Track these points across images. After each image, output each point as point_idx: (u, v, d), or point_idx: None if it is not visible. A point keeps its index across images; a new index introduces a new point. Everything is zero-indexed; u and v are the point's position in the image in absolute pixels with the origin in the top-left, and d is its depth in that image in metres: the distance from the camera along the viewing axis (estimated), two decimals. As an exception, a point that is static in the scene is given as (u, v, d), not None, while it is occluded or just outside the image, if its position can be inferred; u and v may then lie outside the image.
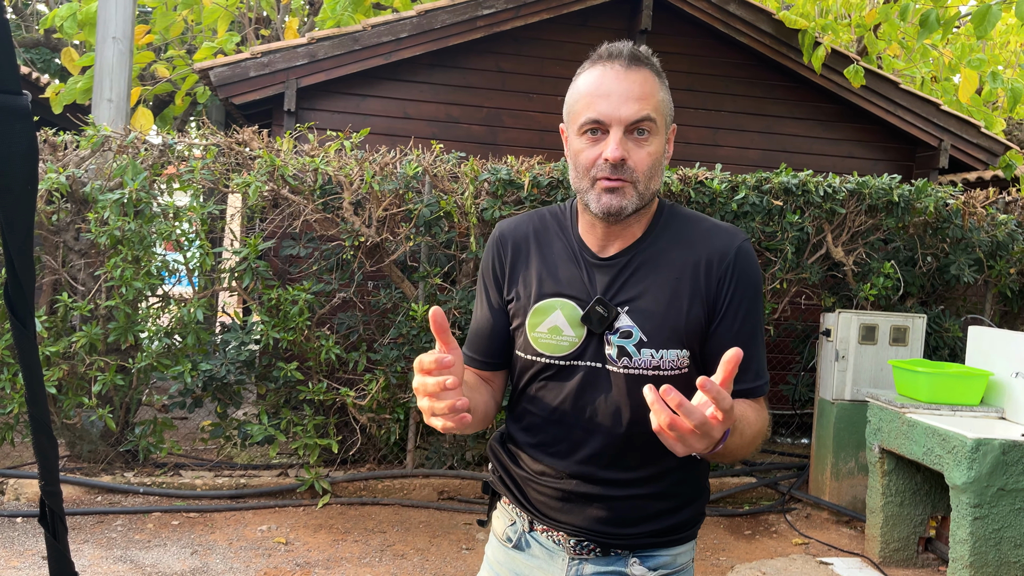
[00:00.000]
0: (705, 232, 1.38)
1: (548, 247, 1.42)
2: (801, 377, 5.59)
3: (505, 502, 1.49)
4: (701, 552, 4.20)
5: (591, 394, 1.36)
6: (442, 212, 4.69)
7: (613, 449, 1.36)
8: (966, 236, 5.23)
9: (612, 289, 1.35)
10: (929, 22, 5.59)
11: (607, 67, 1.30)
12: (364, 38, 6.00)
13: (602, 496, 1.37)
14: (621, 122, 1.27)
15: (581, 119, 1.30)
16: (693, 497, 1.42)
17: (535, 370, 1.40)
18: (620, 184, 1.29)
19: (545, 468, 1.40)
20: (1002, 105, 9.44)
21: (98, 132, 4.59)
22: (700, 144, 6.88)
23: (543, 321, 1.37)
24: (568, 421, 1.37)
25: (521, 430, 1.45)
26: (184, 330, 4.52)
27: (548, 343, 1.37)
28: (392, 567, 3.81)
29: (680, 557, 1.41)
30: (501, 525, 1.49)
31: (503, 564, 1.47)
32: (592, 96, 1.29)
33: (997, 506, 3.51)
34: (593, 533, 1.37)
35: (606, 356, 1.34)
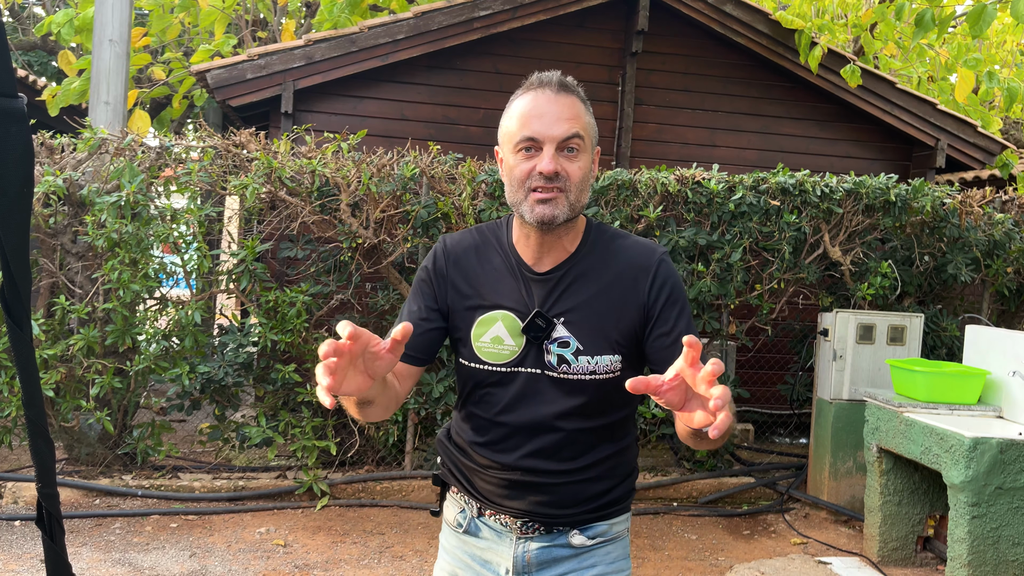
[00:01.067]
0: (629, 248, 1.52)
1: (488, 262, 1.52)
2: (799, 377, 5.59)
3: (454, 491, 1.62)
4: (700, 552, 4.21)
5: (532, 398, 1.48)
6: (440, 213, 4.69)
7: (553, 445, 1.49)
8: (963, 235, 5.24)
9: (549, 302, 1.47)
10: (925, 21, 5.60)
11: (539, 92, 1.44)
12: (361, 40, 6.00)
13: (544, 484, 1.50)
14: (553, 139, 1.40)
15: (517, 138, 1.42)
16: (625, 475, 1.57)
17: (479, 377, 1.51)
18: (553, 195, 1.41)
19: (491, 463, 1.53)
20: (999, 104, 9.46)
21: (95, 135, 4.59)
22: (697, 144, 6.89)
23: (486, 332, 1.49)
24: (511, 423, 1.50)
25: (470, 429, 1.56)
26: (182, 332, 4.52)
27: (491, 352, 1.49)
28: (391, 568, 3.81)
29: (616, 526, 1.57)
30: (452, 513, 1.62)
31: (457, 548, 1.61)
32: (526, 117, 1.42)
33: (995, 505, 3.51)
34: (537, 515, 1.52)
35: (545, 363, 1.46)
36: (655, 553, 4.17)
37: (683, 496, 4.97)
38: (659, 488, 4.93)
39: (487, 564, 1.57)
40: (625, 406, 1.54)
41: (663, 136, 6.85)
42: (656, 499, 4.94)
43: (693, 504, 4.93)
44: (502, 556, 1.55)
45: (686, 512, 4.80)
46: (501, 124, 1.50)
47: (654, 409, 4.75)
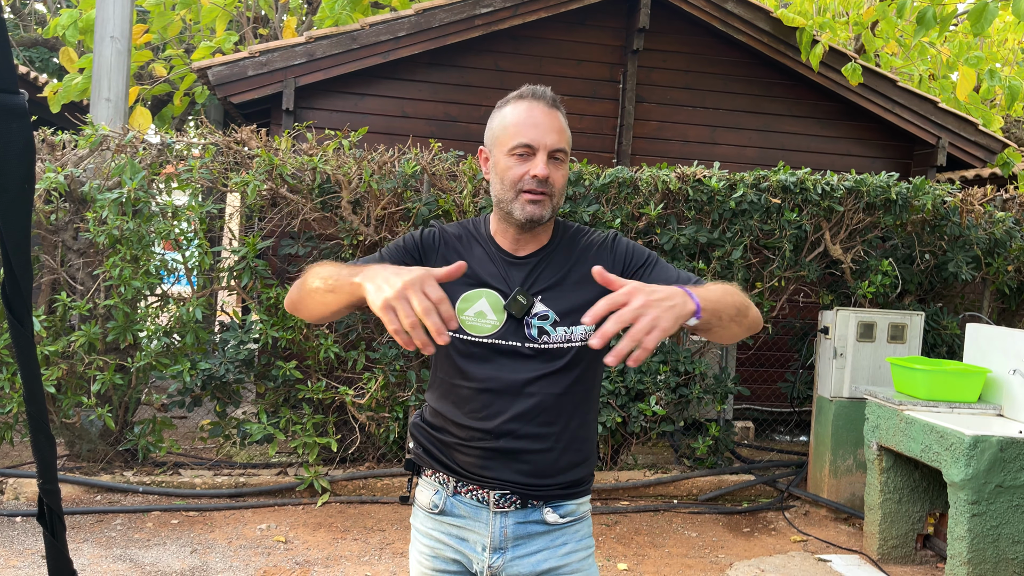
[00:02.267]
0: (590, 235, 1.71)
1: (470, 250, 1.68)
2: (799, 375, 5.60)
3: (428, 474, 1.71)
4: (699, 550, 4.21)
5: (512, 366, 1.61)
6: (441, 211, 4.69)
7: (533, 410, 1.61)
8: (964, 234, 5.23)
9: (528, 281, 1.63)
10: (926, 19, 5.60)
11: (533, 104, 1.60)
12: (362, 37, 6.00)
13: (522, 451, 1.61)
14: (546, 148, 1.57)
15: (513, 142, 1.57)
16: (588, 455, 1.70)
17: (463, 348, 1.63)
18: (542, 197, 1.57)
19: (473, 432, 1.62)
20: (1000, 103, 9.45)
21: (96, 131, 4.59)
22: (698, 142, 6.88)
23: (470, 307, 1.62)
24: (494, 389, 1.61)
25: (450, 404, 1.66)
26: (183, 329, 4.52)
27: (474, 325, 1.61)
28: (391, 565, 3.82)
29: (582, 507, 1.70)
30: (426, 496, 1.70)
31: (432, 530, 1.69)
32: (522, 125, 1.58)
33: (995, 503, 3.52)
34: (516, 485, 1.61)
35: (526, 335, 1.61)
36: (655, 551, 4.17)
37: (683, 493, 4.97)
38: (659, 485, 4.93)
39: (464, 542, 1.65)
40: (594, 377, 1.69)
41: (664, 134, 6.85)
42: (656, 496, 4.94)
43: (693, 501, 4.93)
44: (479, 532, 1.64)
45: (686, 509, 4.80)
46: (492, 127, 1.64)
47: (654, 407, 4.75)
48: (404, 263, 1.60)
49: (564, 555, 1.65)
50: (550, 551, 1.64)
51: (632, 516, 4.67)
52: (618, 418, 4.79)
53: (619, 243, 1.68)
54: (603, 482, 4.87)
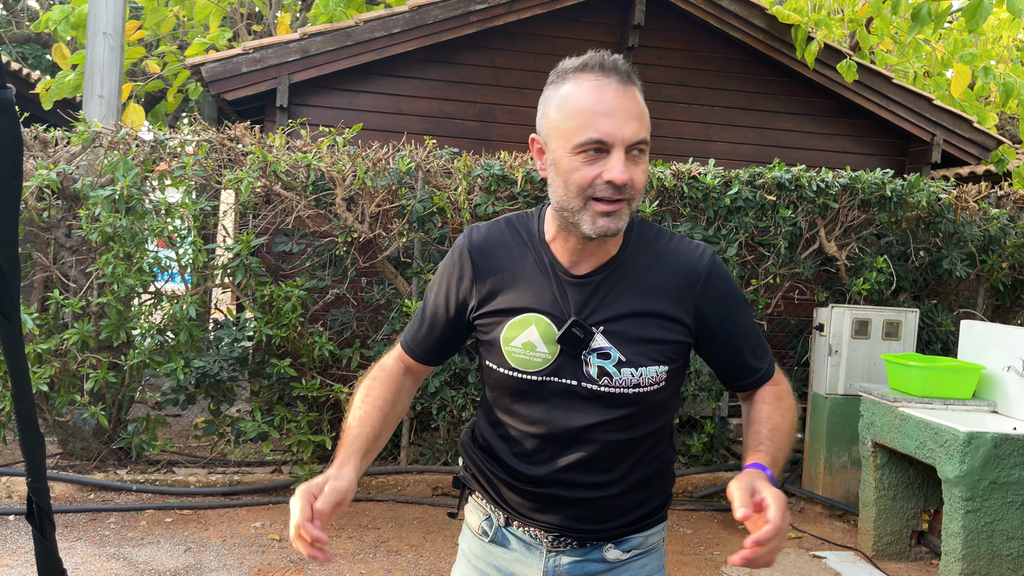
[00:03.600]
0: (677, 250, 1.37)
1: (520, 260, 1.37)
2: (794, 372, 5.60)
3: (478, 496, 1.49)
4: (695, 547, 4.21)
5: (567, 409, 1.34)
6: (435, 208, 4.68)
7: (590, 459, 1.36)
8: (958, 231, 5.24)
9: (588, 308, 1.33)
10: (921, 16, 5.60)
11: (603, 82, 1.25)
12: (356, 33, 5.98)
13: (578, 499, 1.38)
14: (624, 142, 1.23)
15: (580, 138, 1.23)
16: (662, 486, 1.46)
17: (508, 384, 1.38)
18: (619, 206, 1.26)
19: (522, 476, 1.40)
20: (994, 100, 9.46)
21: (89, 128, 4.56)
22: (693, 139, 6.88)
23: (517, 336, 1.35)
24: (546, 435, 1.36)
25: (499, 437, 1.43)
26: (177, 327, 4.50)
27: (521, 358, 1.35)
28: (386, 563, 3.81)
29: (651, 538, 1.45)
30: (475, 519, 1.49)
31: (480, 557, 1.48)
32: (591, 114, 1.23)
33: (989, 499, 3.52)
34: (570, 531, 1.39)
35: (584, 375, 1.33)
36: (650, 547, 4.17)
37: (679, 491, 4.97)
38: (654, 483, 4.93)
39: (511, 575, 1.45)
40: (666, 416, 1.42)
41: (659, 131, 6.84)
42: (651, 494, 4.94)
43: (689, 499, 4.94)
44: (531, 569, 1.42)
45: (681, 507, 4.80)
46: (548, 111, 1.31)
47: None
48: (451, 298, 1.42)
49: None
50: None
51: (627, 513, 4.67)
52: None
53: (713, 275, 1.36)
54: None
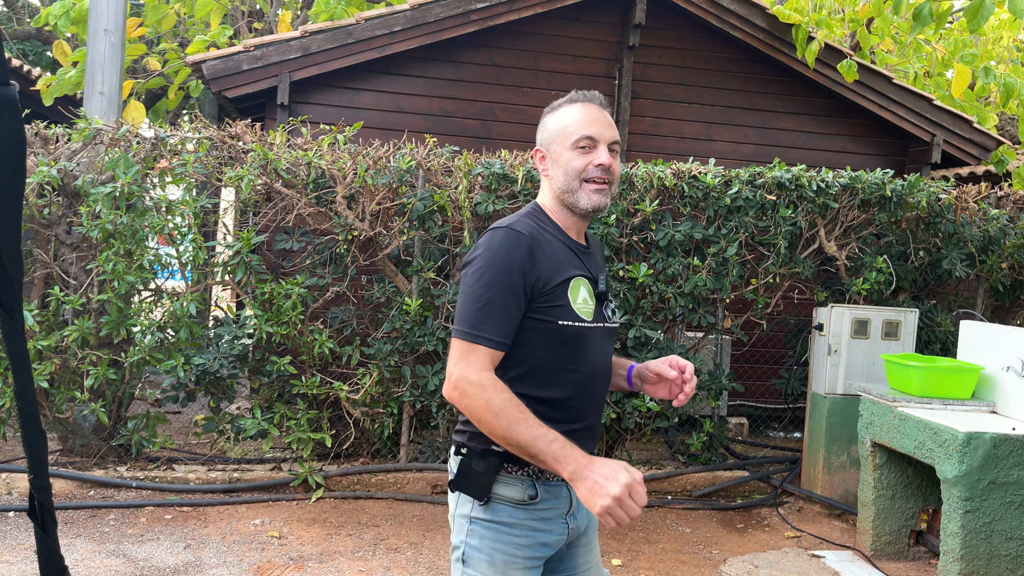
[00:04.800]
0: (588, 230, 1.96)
1: (551, 243, 1.75)
2: (794, 371, 5.60)
3: (512, 471, 1.72)
4: (694, 546, 4.22)
5: (603, 346, 1.80)
6: (436, 206, 4.68)
7: (605, 384, 1.82)
8: (958, 231, 5.24)
9: (595, 269, 1.81)
10: (922, 16, 5.60)
11: (588, 104, 1.77)
12: (358, 31, 5.98)
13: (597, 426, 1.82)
14: (606, 140, 1.75)
15: (576, 135, 1.73)
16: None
17: (581, 334, 1.72)
18: (605, 185, 1.75)
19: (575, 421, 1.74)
20: (995, 100, 9.46)
21: (90, 125, 4.57)
22: (694, 139, 6.88)
23: (579, 295, 1.74)
24: (594, 370, 1.77)
25: (559, 391, 1.73)
26: (177, 324, 4.51)
27: (585, 310, 1.74)
28: (386, 560, 3.82)
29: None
30: (518, 492, 1.72)
31: (523, 520, 1.72)
32: (583, 121, 1.74)
33: (988, 499, 3.53)
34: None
35: (606, 316, 1.80)
36: (649, 546, 4.18)
37: (677, 489, 4.98)
38: (653, 481, 4.94)
39: (550, 520, 1.75)
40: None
41: (659, 130, 6.84)
42: (650, 492, 4.95)
43: (687, 498, 4.94)
44: (560, 507, 1.76)
45: (680, 505, 4.81)
46: (549, 127, 1.79)
47: (649, 403, 4.76)
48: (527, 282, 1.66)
49: None
50: None
51: (626, 512, 4.67)
52: (612, 414, 4.79)
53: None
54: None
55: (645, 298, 4.88)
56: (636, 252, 4.93)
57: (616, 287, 4.79)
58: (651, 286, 4.82)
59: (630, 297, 4.81)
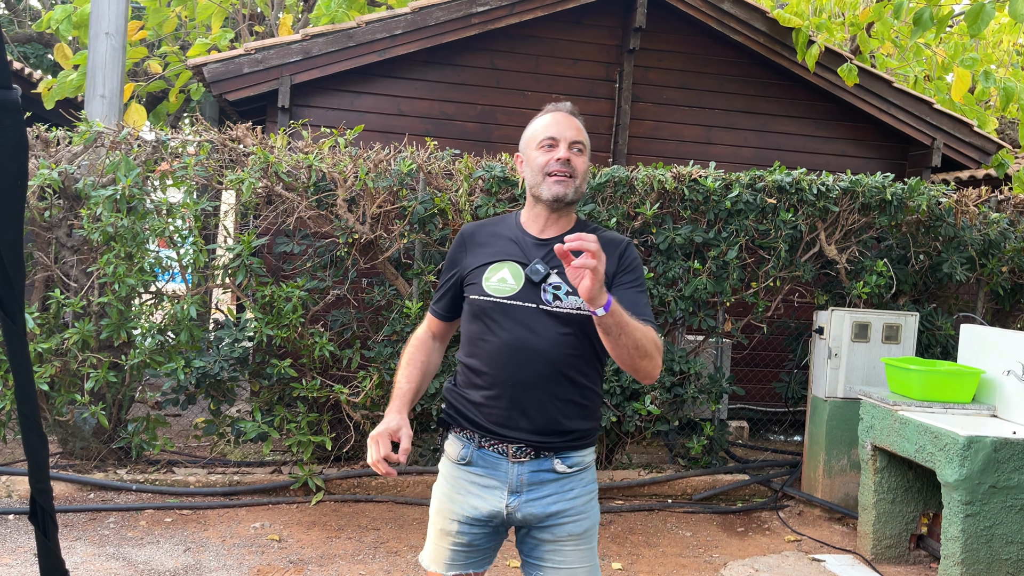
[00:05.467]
0: (606, 234, 2.02)
1: (497, 236, 2.04)
2: (794, 375, 5.60)
3: (456, 431, 2.02)
4: (694, 549, 4.22)
5: (529, 325, 1.91)
6: (436, 209, 4.68)
7: (548, 367, 1.90)
8: (958, 234, 5.24)
9: (548, 258, 1.95)
10: (923, 20, 5.61)
11: (555, 113, 2.00)
12: (358, 35, 5.99)
13: (536, 405, 1.91)
14: (567, 139, 1.96)
15: (540, 137, 1.97)
16: (592, 411, 2.00)
17: (487, 307, 1.94)
18: (565, 177, 1.94)
19: (493, 389, 1.93)
20: (995, 104, 9.47)
21: (91, 128, 4.57)
22: (694, 142, 6.89)
23: (495, 275, 1.96)
24: (513, 344, 1.91)
25: (475, 359, 1.97)
26: (177, 327, 4.51)
27: (496, 287, 1.95)
28: (386, 564, 3.81)
29: (586, 458, 2.01)
30: (455, 450, 2.01)
31: (458, 477, 1.99)
32: (547, 125, 1.98)
33: (989, 503, 3.53)
34: (530, 441, 1.92)
35: (541, 299, 1.92)
36: (649, 550, 4.18)
37: (677, 493, 4.97)
38: (654, 485, 4.94)
39: (486, 488, 1.95)
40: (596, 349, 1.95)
41: (660, 133, 6.85)
42: (650, 496, 4.94)
43: (687, 501, 4.94)
44: (499, 480, 1.94)
45: (680, 509, 4.81)
46: (525, 136, 2.03)
47: (649, 406, 4.76)
48: (454, 267, 2.07)
49: (571, 499, 1.96)
50: (559, 495, 1.94)
51: (627, 515, 4.67)
52: (613, 417, 4.79)
53: (628, 250, 2.01)
54: (598, 481, 4.87)
55: (645, 301, 4.88)
56: (636, 255, 4.93)
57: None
58: (651, 289, 4.82)
59: (630, 300, 4.81)
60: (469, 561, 2.00)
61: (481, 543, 1.98)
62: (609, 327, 1.73)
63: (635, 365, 1.81)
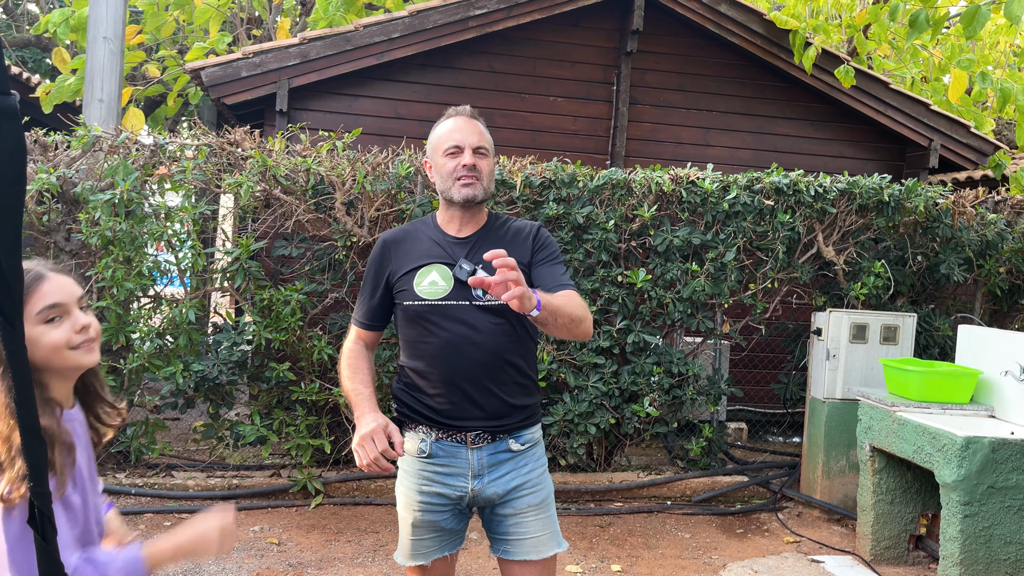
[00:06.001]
0: (516, 222, 2.19)
1: (418, 240, 2.16)
2: (793, 376, 5.61)
3: (411, 427, 2.13)
4: (693, 551, 4.22)
5: (465, 322, 2.04)
6: (434, 212, 4.68)
7: (486, 356, 2.04)
8: (956, 235, 5.25)
9: (471, 255, 2.08)
10: (919, 22, 5.62)
11: (457, 118, 2.14)
12: (356, 38, 6.00)
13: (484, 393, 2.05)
14: (470, 145, 2.10)
15: (446, 145, 2.10)
16: (532, 388, 2.16)
17: (422, 311, 2.06)
18: (473, 181, 2.08)
19: (442, 386, 2.05)
20: (991, 105, 9.49)
21: (89, 132, 4.58)
22: (691, 144, 6.90)
23: (424, 279, 2.08)
24: (453, 341, 2.04)
25: (420, 361, 2.08)
26: (176, 331, 4.51)
27: (428, 291, 2.06)
28: (385, 567, 3.81)
29: (536, 434, 2.18)
30: (413, 445, 2.12)
31: (420, 470, 2.11)
32: (451, 132, 2.12)
33: (987, 504, 3.53)
34: (484, 427, 2.07)
35: (473, 296, 2.04)
36: (649, 552, 4.18)
37: (676, 495, 4.98)
38: (652, 487, 4.94)
39: (449, 475, 2.09)
40: (528, 327, 2.11)
41: (658, 135, 6.86)
42: (649, 498, 4.95)
43: (687, 503, 4.94)
44: (460, 467, 2.08)
45: (680, 511, 4.81)
46: (430, 142, 2.17)
47: (648, 408, 4.76)
48: (380, 276, 2.16)
49: (526, 473, 2.12)
50: (515, 472, 2.10)
51: (626, 517, 4.68)
52: (612, 419, 4.79)
53: (539, 232, 2.17)
54: (597, 483, 4.87)
55: (644, 303, 4.89)
56: (635, 257, 4.94)
57: (615, 292, 4.79)
58: (649, 291, 4.83)
59: (628, 302, 4.82)
60: (443, 544, 2.14)
61: (452, 526, 2.13)
62: (544, 320, 1.88)
63: (572, 334, 1.99)
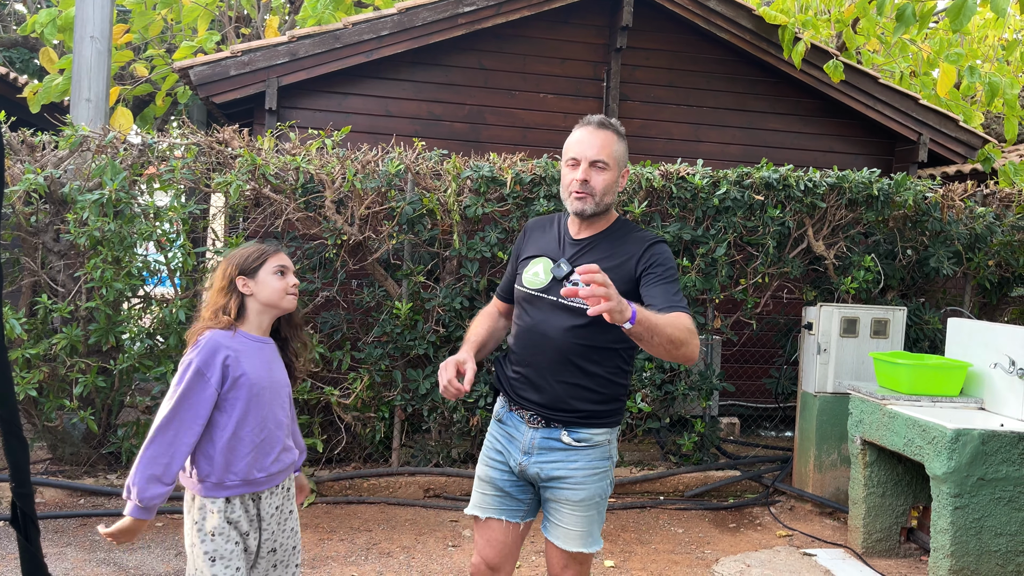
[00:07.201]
0: (641, 232, 2.29)
1: (546, 232, 2.38)
2: (784, 371, 5.62)
3: (500, 394, 2.39)
4: (686, 546, 4.23)
5: (552, 314, 2.22)
6: (425, 210, 4.68)
7: (557, 353, 2.20)
8: (945, 229, 5.28)
9: (577, 256, 2.25)
10: (906, 16, 5.63)
11: (584, 127, 2.23)
12: (345, 36, 5.98)
13: (550, 382, 2.22)
14: (587, 159, 2.19)
15: (566, 156, 2.24)
16: (612, 398, 2.26)
17: (523, 295, 2.31)
18: (585, 196, 2.20)
19: (517, 365, 2.30)
20: (980, 99, 9.52)
21: (76, 132, 4.55)
22: (682, 140, 6.90)
23: (532, 269, 2.31)
24: (538, 329, 2.24)
25: (512, 338, 2.35)
26: (166, 331, 4.49)
27: (530, 280, 2.30)
28: (378, 565, 3.81)
29: (596, 436, 2.24)
30: (497, 408, 2.41)
31: (495, 430, 2.39)
32: (573, 143, 2.23)
33: (977, 496, 3.55)
34: (540, 410, 2.25)
35: (559, 294, 2.15)
36: (642, 547, 4.19)
37: (669, 490, 4.99)
38: (645, 482, 4.95)
39: (509, 442, 2.32)
40: (615, 336, 2.18)
41: (648, 132, 6.86)
42: (642, 493, 4.95)
43: (679, 498, 4.95)
44: (519, 440, 2.29)
45: (672, 506, 4.82)
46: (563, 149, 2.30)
47: (640, 404, 4.76)
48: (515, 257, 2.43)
49: (573, 469, 2.22)
50: (563, 464, 2.22)
51: (619, 513, 4.68)
52: (604, 415, 4.79)
53: (655, 247, 2.21)
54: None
55: (635, 299, 4.89)
56: (625, 254, 4.94)
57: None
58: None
59: (620, 298, 4.82)
60: (502, 507, 2.31)
61: (511, 491, 2.30)
62: (639, 335, 1.87)
63: (672, 356, 1.97)
